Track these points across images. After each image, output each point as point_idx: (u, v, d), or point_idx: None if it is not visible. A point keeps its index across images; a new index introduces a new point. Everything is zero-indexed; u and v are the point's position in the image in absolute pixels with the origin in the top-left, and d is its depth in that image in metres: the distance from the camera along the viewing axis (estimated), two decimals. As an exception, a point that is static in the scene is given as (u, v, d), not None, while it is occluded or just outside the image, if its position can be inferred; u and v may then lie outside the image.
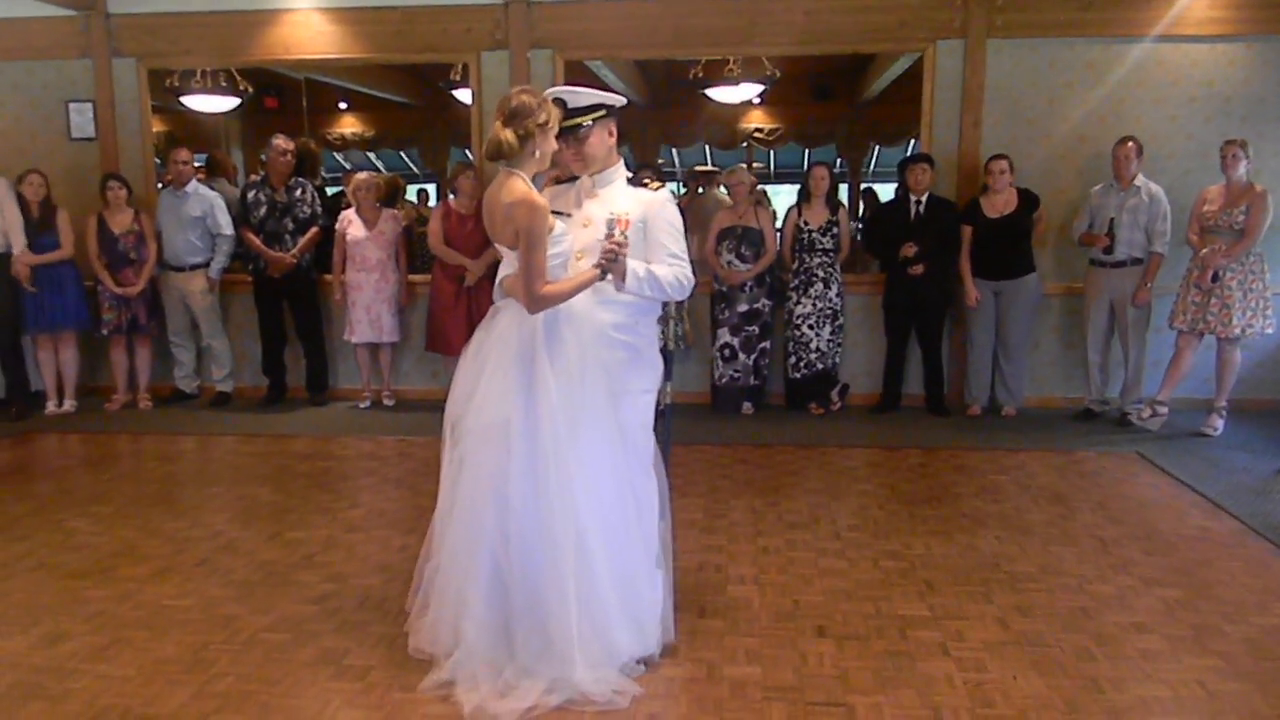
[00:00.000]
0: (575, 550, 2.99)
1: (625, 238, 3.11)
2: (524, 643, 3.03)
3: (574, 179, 3.41)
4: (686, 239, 3.40)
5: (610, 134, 3.31)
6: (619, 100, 3.32)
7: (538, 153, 3.08)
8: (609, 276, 3.10)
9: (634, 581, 3.17)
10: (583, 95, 3.25)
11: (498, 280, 3.25)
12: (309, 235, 7.07)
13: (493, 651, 3.06)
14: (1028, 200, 6.53)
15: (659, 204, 3.29)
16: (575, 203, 3.35)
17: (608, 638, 3.06)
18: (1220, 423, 6.22)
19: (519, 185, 3.03)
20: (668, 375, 3.45)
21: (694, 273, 3.35)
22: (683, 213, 3.49)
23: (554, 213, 3.26)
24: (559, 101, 3.19)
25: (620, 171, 3.37)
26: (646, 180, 3.38)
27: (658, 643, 3.24)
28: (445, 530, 3.16)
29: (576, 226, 3.27)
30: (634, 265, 3.13)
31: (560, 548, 2.98)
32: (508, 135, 3.02)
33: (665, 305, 3.39)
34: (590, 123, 3.24)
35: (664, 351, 3.41)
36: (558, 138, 3.20)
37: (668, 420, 3.47)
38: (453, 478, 3.15)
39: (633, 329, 3.27)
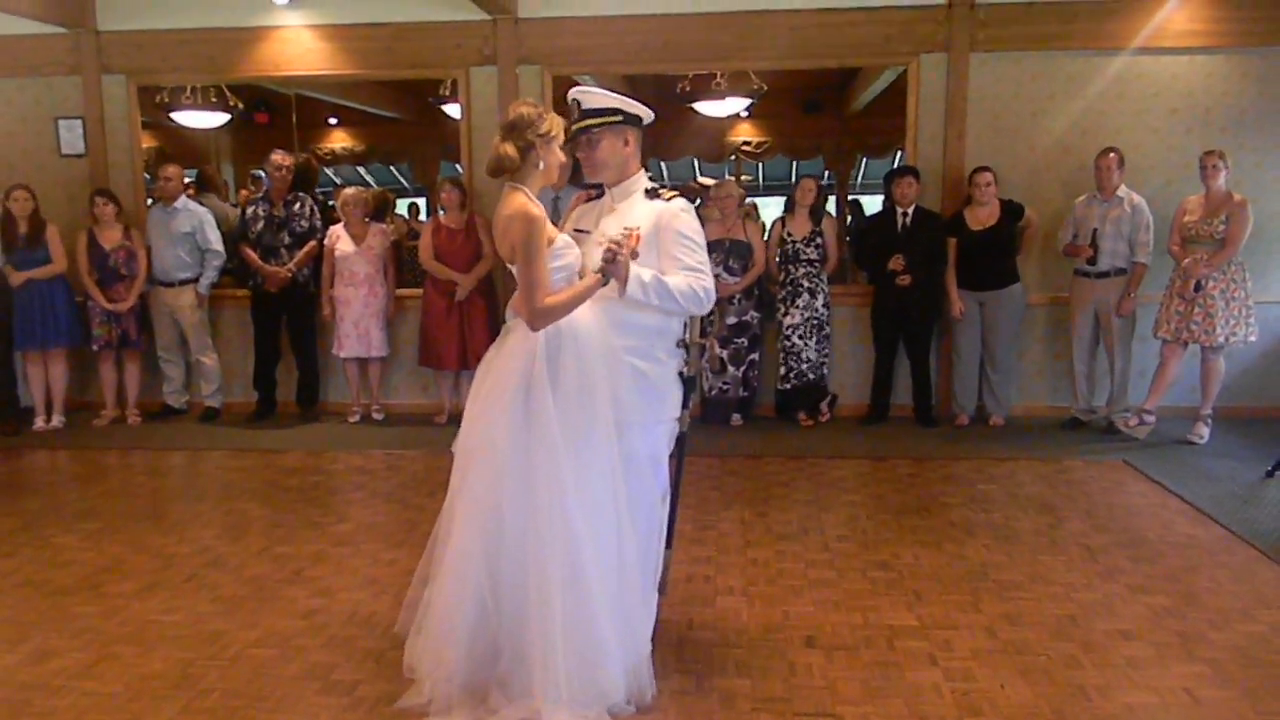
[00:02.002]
0: (570, 585, 2.89)
1: (635, 252, 3.01)
2: (507, 672, 2.96)
3: (601, 195, 3.30)
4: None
5: (626, 143, 3.17)
6: (640, 110, 3.19)
7: (541, 164, 3.02)
8: (611, 281, 2.96)
9: (631, 620, 3.06)
10: (600, 97, 3.14)
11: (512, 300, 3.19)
12: (306, 249, 7.06)
13: (477, 678, 2.99)
14: (1011, 211, 6.58)
15: (670, 214, 3.13)
16: (595, 220, 3.25)
17: (599, 677, 2.94)
18: (1206, 431, 6.26)
19: (517, 198, 2.98)
20: (686, 403, 3.30)
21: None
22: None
23: (577, 230, 3.23)
24: (575, 102, 3.13)
25: (639, 184, 3.22)
26: (661, 191, 3.22)
27: (651, 681, 3.11)
28: (441, 552, 3.09)
29: (593, 244, 3.13)
30: (639, 270, 2.98)
31: (550, 580, 2.87)
32: (507, 149, 2.97)
33: (686, 328, 3.23)
34: (602, 126, 3.13)
35: (684, 377, 3.27)
36: (570, 140, 3.14)
37: (681, 446, 3.35)
38: (452, 498, 3.10)
39: (647, 353, 3.12)
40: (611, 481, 3.00)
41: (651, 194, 3.20)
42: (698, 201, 9.56)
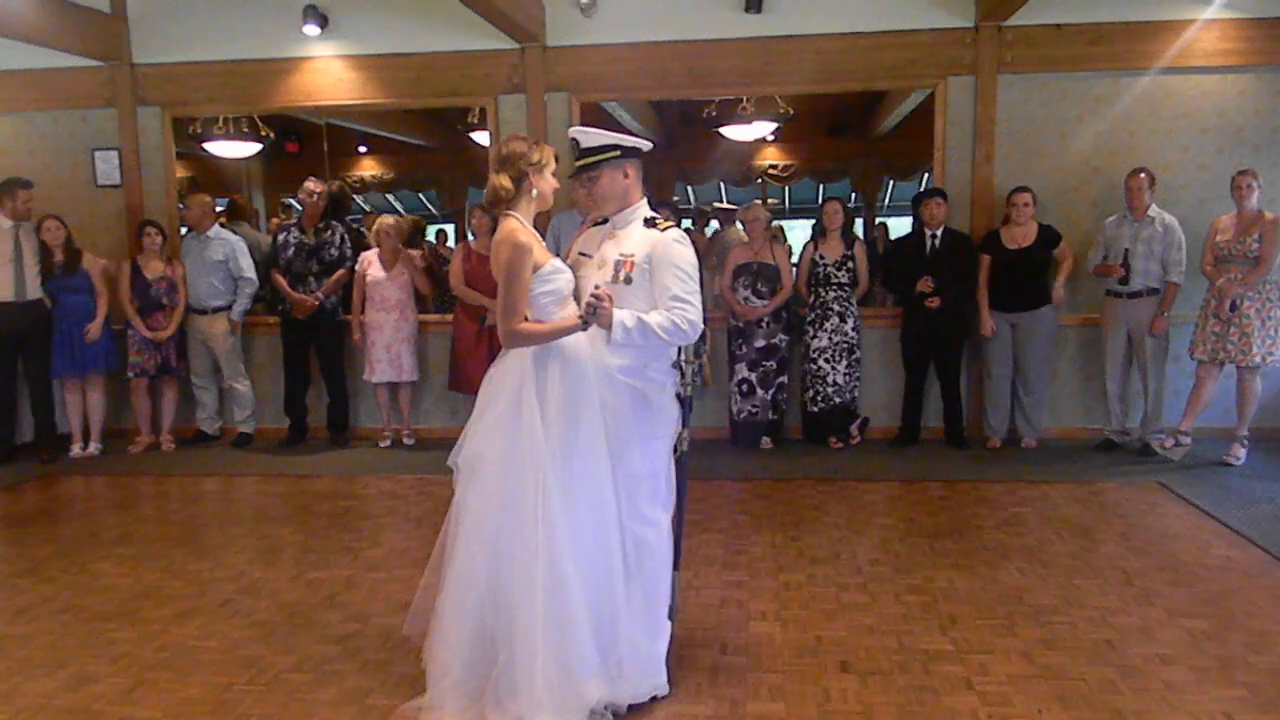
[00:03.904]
0: (553, 594, 2.98)
1: (629, 278, 3.15)
2: (499, 677, 3.04)
3: (607, 220, 3.40)
4: (702, 278, 3.33)
5: (625, 176, 3.27)
6: (637, 143, 3.29)
7: (535, 192, 3.17)
8: (591, 327, 3.07)
9: (613, 629, 3.13)
10: (596, 136, 3.25)
11: None
12: (335, 277, 7.15)
13: (475, 683, 3.08)
14: (1047, 235, 6.53)
15: (663, 244, 3.20)
16: (598, 245, 3.35)
17: (578, 684, 3.02)
18: (1243, 452, 6.19)
19: (509, 224, 3.12)
20: (684, 421, 3.35)
21: (704, 314, 3.24)
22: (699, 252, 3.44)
23: (581, 254, 3.36)
24: (574, 141, 3.26)
25: (639, 212, 3.31)
26: (658, 221, 3.30)
27: (633, 694, 3.18)
28: (447, 561, 3.19)
29: (593, 268, 3.28)
30: (622, 317, 3.06)
31: (534, 589, 2.97)
32: (502, 180, 3.14)
33: (681, 349, 3.30)
34: (601, 163, 3.24)
35: (680, 398, 3.33)
36: (572, 177, 3.27)
37: (683, 467, 3.39)
38: (454, 510, 3.20)
39: (640, 373, 3.20)
40: (600, 496, 3.10)
41: (650, 223, 3.28)
42: (714, 225, 9.64)
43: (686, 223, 10.27)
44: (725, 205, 10.89)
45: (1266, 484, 5.73)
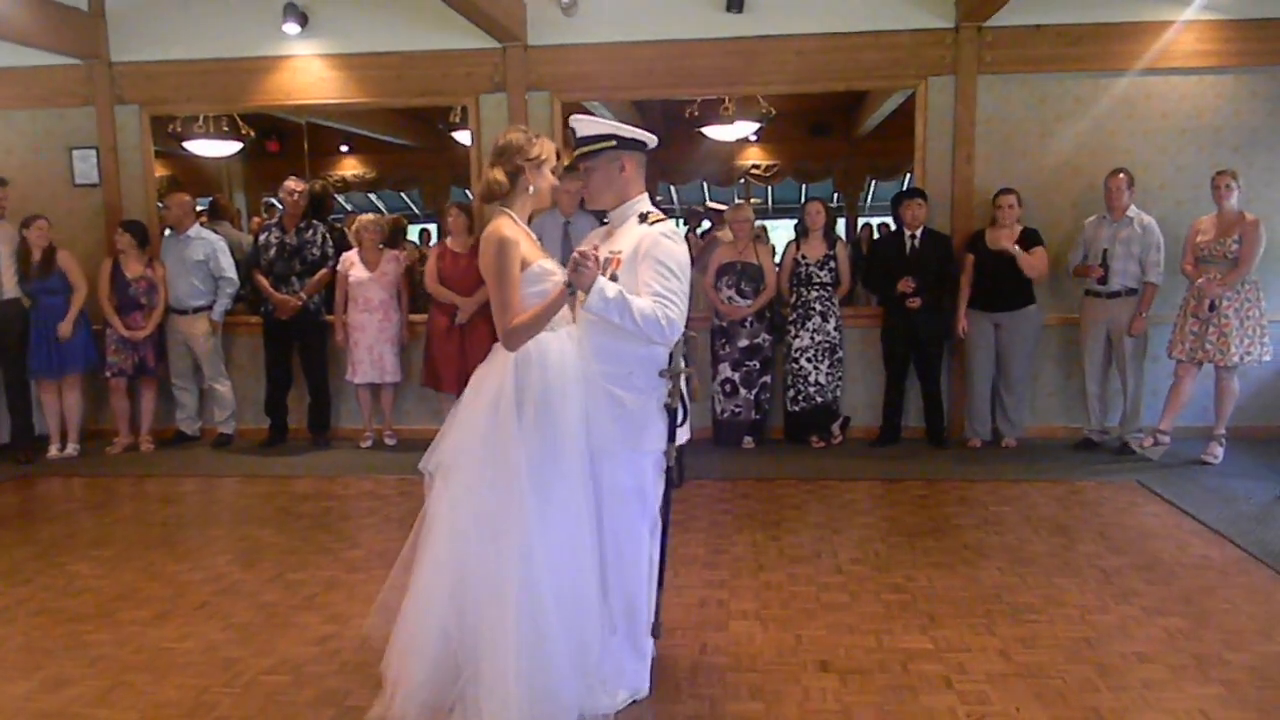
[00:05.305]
0: (526, 608, 2.87)
1: (614, 276, 3.05)
2: (463, 691, 2.94)
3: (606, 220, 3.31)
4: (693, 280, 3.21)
5: (622, 169, 3.15)
6: (636, 134, 3.17)
7: (532, 188, 3.07)
8: (576, 291, 2.96)
9: (589, 648, 3.02)
10: (592, 124, 3.14)
11: None
12: (317, 277, 7.11)
13: (437, 694, 2.98)
14: (1030, 238, 6.53)
15: (650, 238, 3.07)
16: (594, 245, 3.23)
17: (550, 703, 2.90)
18: (1220, 451, 6.23)
19: (498, 221, 3.02)
20: (672, 436, 3.18)
21: (687, 316, 3.12)
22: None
23: None
24: (570, 130, 3.16)
25: (635, 208, 3.19)
26: (650, 215, 3.17)
27: (610, 706, 3.11)
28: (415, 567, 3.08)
29: None
30: (605, 284, 2.94)
31: (505, 602, 2.86)
32: (497, 174, 3.04)
33: (670, 358, 3.15)
34: (597, 154, 3.13)
35: (669, 409, 3.16)
36: (570, 169, 3.18)
37: (669, 482, 3.28)
38: (427, 513, 3.10)
39: (625, 381, 3.08)
40: (574, 508, 2.99)
41: (644, 218, 3.18)
42: (705, 225, 9.63)
43: (672, 223, 10.25)
44: (716, 205, 10.85)
45: (1244, 482, 5.77)
